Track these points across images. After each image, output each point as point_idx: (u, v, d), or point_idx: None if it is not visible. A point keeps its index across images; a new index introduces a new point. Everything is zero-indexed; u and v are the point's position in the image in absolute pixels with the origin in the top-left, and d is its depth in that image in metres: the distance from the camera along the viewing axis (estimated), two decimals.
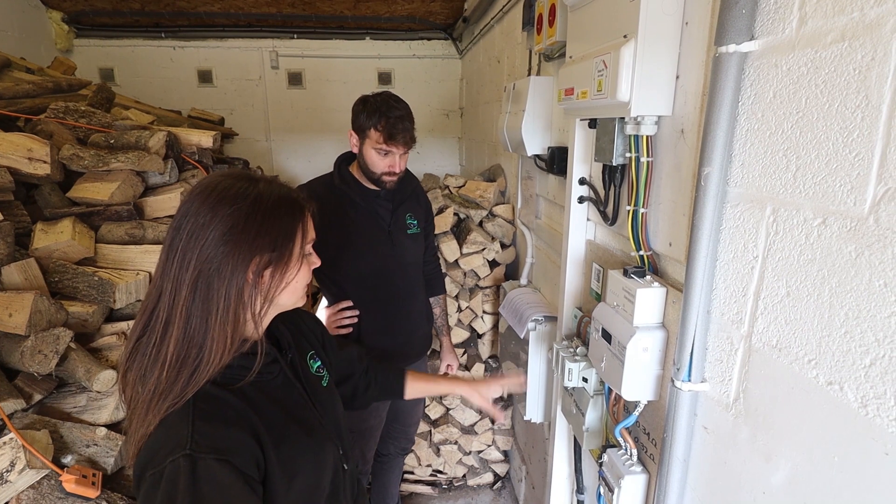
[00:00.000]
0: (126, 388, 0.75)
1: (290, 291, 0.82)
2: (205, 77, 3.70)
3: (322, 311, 1.71)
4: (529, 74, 1.78)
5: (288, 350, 0.92)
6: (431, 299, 1.93)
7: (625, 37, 0.93)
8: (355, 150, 1.60)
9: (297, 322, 1.02)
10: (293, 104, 3.80)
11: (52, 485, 1.10)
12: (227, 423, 0.73)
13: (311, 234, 0.84)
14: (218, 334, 0.73)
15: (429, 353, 2.00)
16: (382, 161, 1.55)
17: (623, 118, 1.03)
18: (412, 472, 2.52)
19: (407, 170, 1.71)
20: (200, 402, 0.73)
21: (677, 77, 0.94)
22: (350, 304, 1.67)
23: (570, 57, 1.22)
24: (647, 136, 0.99)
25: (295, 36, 3.67)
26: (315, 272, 1.65)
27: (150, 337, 0.73)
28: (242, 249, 0.73)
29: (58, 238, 1.39)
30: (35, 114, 1.72)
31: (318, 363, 1.00)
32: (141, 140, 1.62)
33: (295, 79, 3.76)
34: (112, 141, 1.62)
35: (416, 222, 1.75)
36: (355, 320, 1.67)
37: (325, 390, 0.98)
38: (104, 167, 1.52)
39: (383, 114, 1.50)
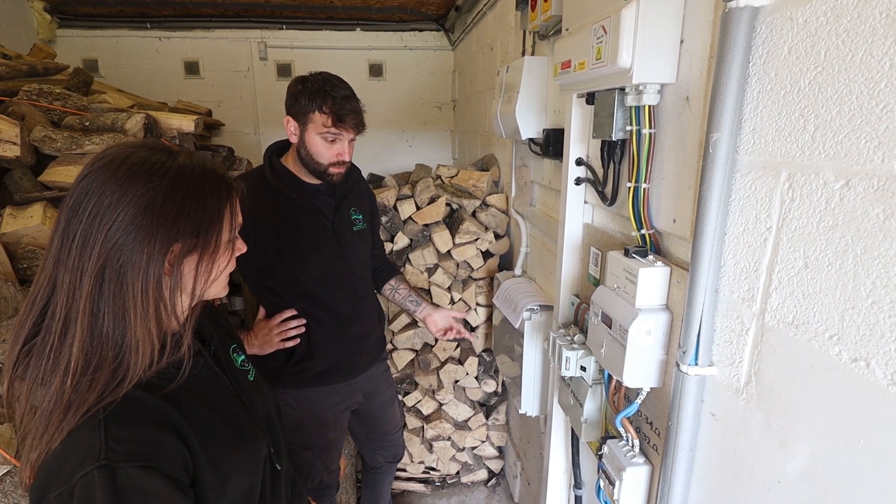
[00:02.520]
0: (14, 401, 0.63)
1: (219, 283, 0.74)
2: (191, 68, 3.62)
3: (260, 325, 1.51)
4: (524, 55, 1.72)
5: (210, 341, 0.83)
6: (392, 282, 1.78)
7: None
8: (294, 140, 1.42)
9: (212, 313, 0.92)
10: (282, 96, 3.67)
11: (16, 481, 1.02)
12: (146, 424, 0.63)
13: (239, 219, 0.74)
14: (141, 333, 0.63)
15: (385, 356, 1.86)
16: (329, 149, 1.37)
17: (623, 89, 0.97)
18: (404, 470, 2.46)
19: None
20: (109, 403, 0.62)
21: (682, 41, 0.88)
22: (295, 312, 1.49)
23: (567, 29, 1.16)
24: (649, 107, 0.94)
25: (284, 27, 3.59)
26: (250, 282, 1.57)
27: (45, 338, 0.62)
28: (159, 235, 0.63)
29: (27, 223, 1.31)
30: (8, 97, 1.64)
31: (243, 357, 0.91)
32: (118, 122, 1.55)
33: (284, 70, 3.68)
34: (87, 123, 1.54)
35: (361, 217, 1.59)
36: (302, 330, 1.50)
37: (253, 385, 0.89)
38: (78, 150, 1.44)
39: (328, 94, 1.32)
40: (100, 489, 0.56)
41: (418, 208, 2.16)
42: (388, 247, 2.14)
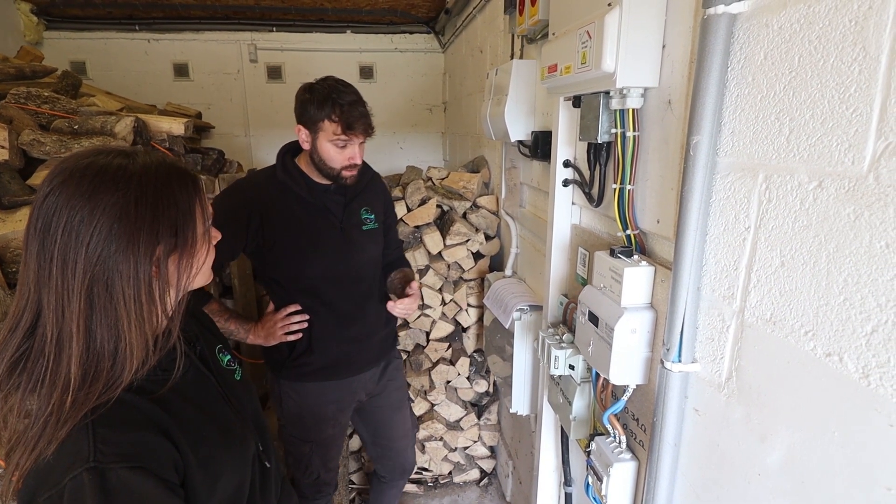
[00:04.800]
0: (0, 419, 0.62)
1: (203, 274, 0.75)
2: (181, 71, 3.60)
3: (268, 317, 1.57)
4: (512, 59, 1.74)
5: (196, 342, 0.83)
6: (393, 273, 1.75)
7: (609, 5, 0.90)
8: (306, 147, 1.45)
9: (197, 315, 0.93)
10: (273, 98, 3.72)
11: (6, 485, 1.02)
12: (133, 426, 0.63)
13: (209, 208, 0.75)
14: (135, 339, 0.63)
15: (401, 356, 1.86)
16: (341, 154, 1.41)
17: (608, 93, 0.99)
18: None
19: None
20: (99, 406, 0.62)
21: (664, 46, 0.90)
22: (299, 307, 1.54)
23: (554, 33, 1.18)
24: (633, 110, 0.96)
25: (274, 29, 3.59)
26: (260, 275, 1.60)
27: (36, 361, 0.61)
28: (141, 241, 0.63)
29: (16, 226, 1.31)
30: None
31: (228, 357, 0.92)
32: (107, 125, 1.54)
33: (274, 73, 3.68)
34: (76, 127, 1.54)
35: (373, 217, 1.61)
36: (305, 325, 1.54)
37: (240, 384, 0.90)
38: (67, 153, 1.44)
39: (335, 101, 1.35)
40: (89, 491, 0.56)
41: (409, 210, 2.17)
42: None
